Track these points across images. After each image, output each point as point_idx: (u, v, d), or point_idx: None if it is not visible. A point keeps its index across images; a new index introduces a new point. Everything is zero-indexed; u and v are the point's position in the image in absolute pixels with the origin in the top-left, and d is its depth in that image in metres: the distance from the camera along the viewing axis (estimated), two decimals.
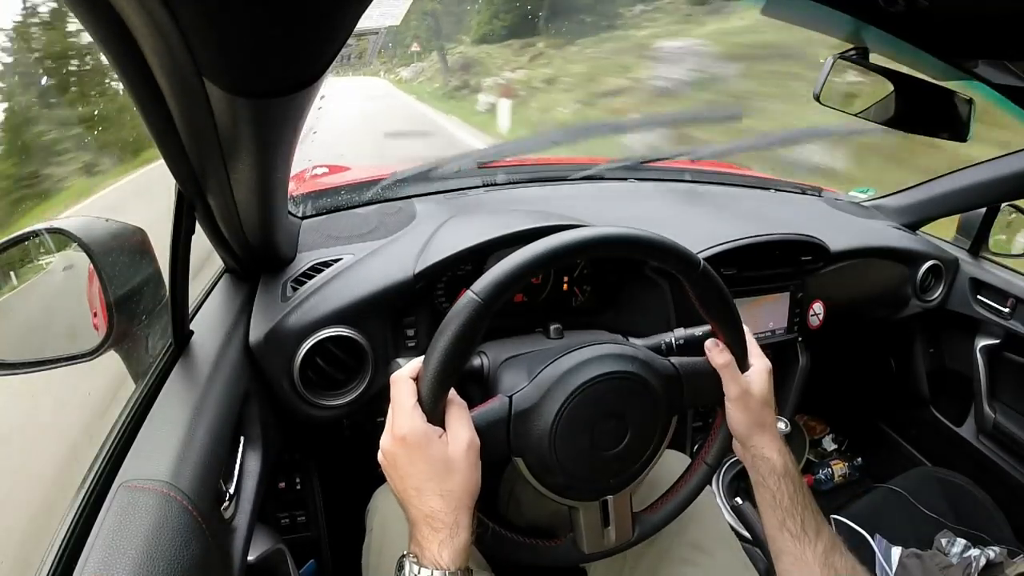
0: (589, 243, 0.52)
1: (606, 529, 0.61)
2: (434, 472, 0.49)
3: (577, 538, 0.60)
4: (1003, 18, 0.57)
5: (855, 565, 0.58)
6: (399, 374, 0.52)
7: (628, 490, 0.61)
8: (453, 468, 0.49)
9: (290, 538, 0.97)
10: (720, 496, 1.16)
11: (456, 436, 0.50)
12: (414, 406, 0.50)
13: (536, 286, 0.98)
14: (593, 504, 0.60)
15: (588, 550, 0.60)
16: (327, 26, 0.31)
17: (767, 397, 0.62)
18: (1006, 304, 1.25)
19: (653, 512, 0.64)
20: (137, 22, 0.30)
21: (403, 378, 0.52)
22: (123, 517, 0.45)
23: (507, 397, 0.55)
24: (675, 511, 0.64)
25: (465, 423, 0.51)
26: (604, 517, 0.60)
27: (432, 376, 0.49)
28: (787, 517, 0.59)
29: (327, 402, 0.80)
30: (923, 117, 0.81)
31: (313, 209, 0.99)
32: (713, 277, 0.57)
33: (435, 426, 0.50)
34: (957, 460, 1.37)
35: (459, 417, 0.51)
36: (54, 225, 0.59)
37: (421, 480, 0.49)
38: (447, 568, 0.47)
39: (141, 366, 0.64)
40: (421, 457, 0.49)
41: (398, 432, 0.49)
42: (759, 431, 0.62)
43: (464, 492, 0.49)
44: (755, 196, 1.37)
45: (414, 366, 0.52)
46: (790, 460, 0.62)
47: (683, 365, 0.61)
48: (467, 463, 0.50)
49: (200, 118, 0.39)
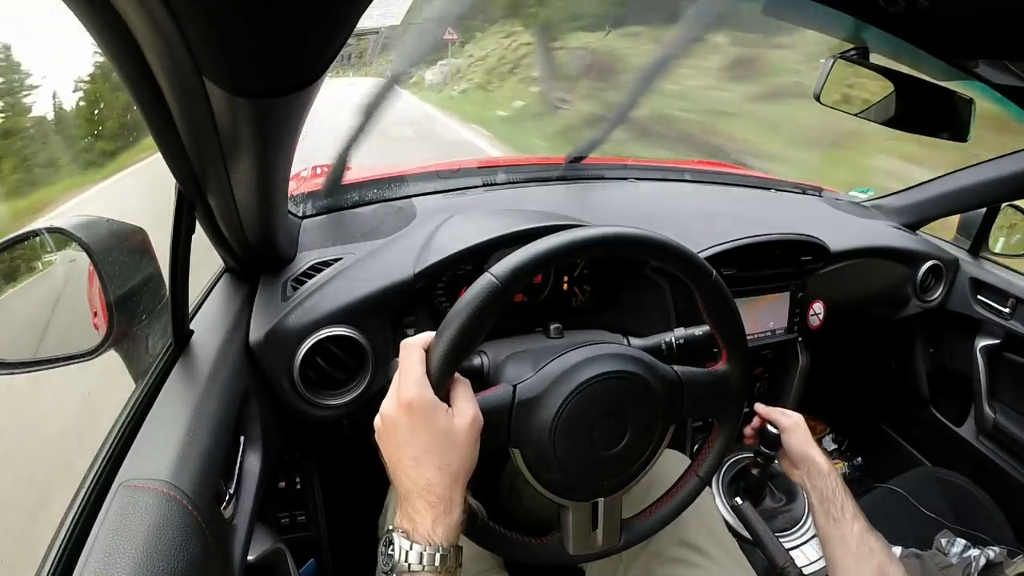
0: (609, 241, 0.52)
1: (594, 532, 0.61)
2: (435, 443, 0.47)
3: (564, 538, 0.60)
4: (1003, 18, 0.57)
5: (886, 545, 0.69)
6: (410, 341, 0.51)
7: (620, 494, 0.61)
8: (455, 441, 0.48)
9: (290, 538, 0.97)
10: (720, 496, 1.16)
11: (461, 411, 0.49)
12: (423, 374, 0.49)
13: (536, 286, 0.98)
14: (584, 505, 0.60)
15: (574, 551, 0.60)
16: (327, 26, 0.31)
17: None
18: (1006, 304, 1.25)
19: (641, 520, 0.64)
20: (137, 22, 0.30)
21: (415, 345, 0.51)
22: (123, 517, 0.45)
23: (511, 386, 0.55)
24: (663, 521, 0.65)
25: (470, 400, 0.50)
26: (593, 520, 0.60)
27: (444, 350, 0.49)
28: (830, 506, 0.72)
29: (327, 402, 0.80)
30: (923, 117, 0.81)
31: (313, 209, 0.99)
32: (723, 287, 0.58)
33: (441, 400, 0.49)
34: (957, 460, 1.37)
35: (464, 394, 0.51)
36: (54, 225, 0.59)
37: (420, 450, 0.47)
38: (440, 544, 0.46)
39: (141, 366, 0.64)
40: (424, 426, 0.47)
41: (404, 397, 0.48)
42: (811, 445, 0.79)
43: (462, 468, 0.48)
44: (755, 196, 1.37)
45: (425, 337, 0.51)
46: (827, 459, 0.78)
47: (686, 373, 0.61)
48: (469, 438, 0.49)
49: (200, 118, 0.39)
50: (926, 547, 1.12)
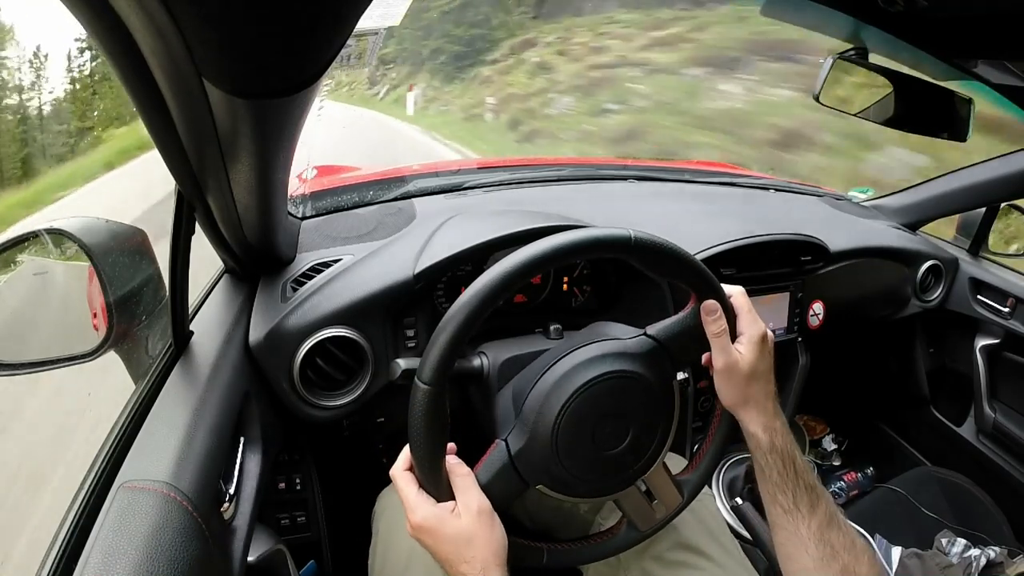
0: (509, 280, 0.51)
1: (654, 503, 0.63)
2: (455, 546, 0.53)
3: (631, 521, 0.63)
4: (1002, 18, 0.57)
5: (854, 539, 0.58)
6: (395, 470, 0.57)
7: (659, 463, 0.62)
8: (471, 537, 0.52)
9: (290, 538, 0.97)
10: (720, 496, 1.16)
11: (466, 506, 0.54)
12: (418, 493, 0.55)
13: (536, 286, 0.98)
14: (631, 489, 0.62)
15: (644, 527, 0.63)
16: (327, 26, 0.31)
17: (754, 369, 0.59)
18: (1006, 304, 1.25)
19: (691, 471, 0.66)
20: (137, 23, 0.30)
21: (399, 472, 0.56)
22: (123, 517, 0.45)
23: (503, 441, 0.57)
24: (713, 462, 0.66)
25: (471, 489, 0.54)
26: (648, 494, 0.63)
27: (422, 463, 0.53)
28: (777, 491, 0.59)
29: (327, 402, 0.80)
30: (923, 117, 0.81)
31: (313, 210, 0.99)
32: (648, 239, 0.55)
33: (445, 502, 0.54)
34: (957, 460, 1.37)
35: (464, 485, 0.55)
36: (54, 226, 0.59)
37: (447, 554, 0.53)
38: None
39: (141, 366, 0.64)
40: (441, 537, 0.53)
41: (414, 522, 0.54)
42: (743, 406, 0.60)
43: (488, 552, 0.53)
44: (755, 196, 1.37)
45: (405, 456, 0.56)
46: (778, 436, 0.60)
47: (659, 332, 0.60)
48: (482, 527, 0.53)
49: (200, 119, 0.39)
50: (926, 547, 1.12)
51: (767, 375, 0.61)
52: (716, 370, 0.60)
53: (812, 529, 0.57)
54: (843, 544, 0.57)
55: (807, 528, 0.57)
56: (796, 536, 0.58)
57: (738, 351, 0.59)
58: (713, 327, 0.58)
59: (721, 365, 0.59)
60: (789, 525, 0.58)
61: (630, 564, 0.70)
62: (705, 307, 0.58)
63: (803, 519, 0.57)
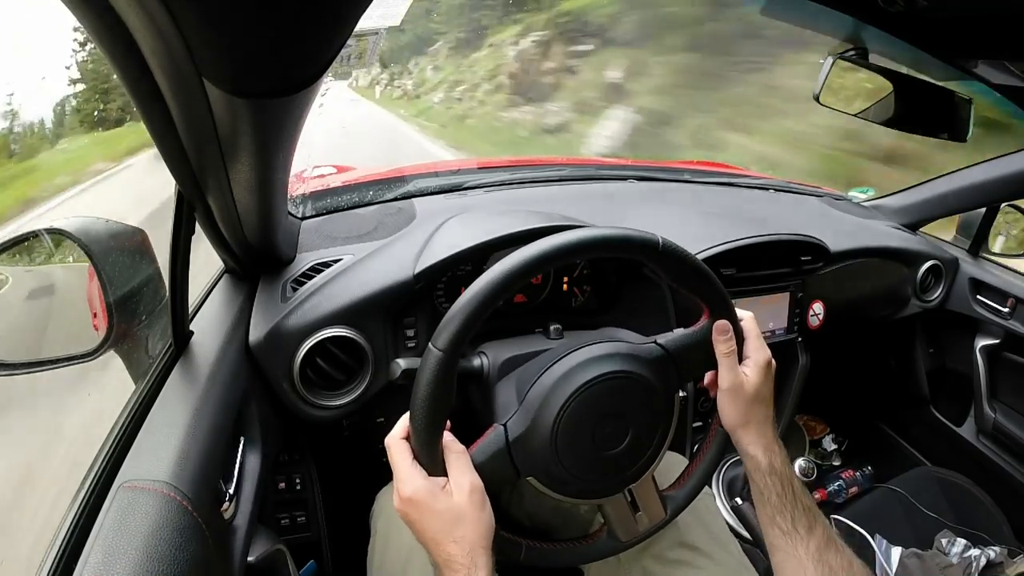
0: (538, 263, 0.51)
1: (637, 515, 0.62)
2: (444, 523, 0.51)
3: (611, 530, 0.62)
4: (1003, 18, 0.57)
5: (852, 560, 0.58)
6: (391, 437, 0.55)
7: (649, 474, 0.62)
8: (461, 516, 0.51)
9: (290, 538, 0.97)
10: (720, 496, 1.16)
11: (458, 484, 0.52)
12: (412, 464, 0.53)
13: (536, 286, 0.98)
14: (618, 496, 0.61)
15: (625, 538, 0.62)
16: (327, 26, 0.31)
17: (758, 392, 0.61)
18: (1006, 304, 1.25)
19: (679, 488, 0.65)
20: (137, 23, 0.30)
21: (395, 440, 0.54)
22: (123, 517, 0.45)
23: (501, 426, 0.56)
24: (701, 482, 0.65)
25: (465, 468, 0.53)
26: (632, 504, 0.62)
27: (419, 433, 0.52)
28: (776, 513, 0.60)
29: (327, 402, 0.80)
30: (923, 117, 0.81)
31: (313, 209, 0.99)
32: (675, 249, 0.56)
33: (437, 477, 0.52)
34: (957, 460, 1.37)
35: (458, 463, 0.53)
36: (54, 225, 0.59)
37: (434, 532, 0.52)
38: None
39: (141, 366, 0.64)
40: (429, 512, 0.52)
41: (403, 494, 0.52)
42: (744, 427, 0.61)
43: (476, 534, 0.51)
44: (755, 196, 1.37)
45: (403, 425, 0.54)
46: (777, 458, 0.61)
47: (669, 342, 0.61)
48: (473, 507, 0.52)
49: (200, 118, 0.39)
50: (926, 547, 1.12)
51: (768, 400, 0.63)
52: (721, 389, 0.61)
53: (811, 551, 0.57)
54: (841, 565, 0.57)
55: (805, 550, 0.58)
56: (795, 558, 0.58)
57: (744, 373, 0.61)
58: (723, 347, 0.60)
59: (727, 385, 0.61)
60: (788, 547, 0.58)
61: (630, 562, 0.70)
62: (718, 327, 0.60)
63: (801, 541, 0.58)
